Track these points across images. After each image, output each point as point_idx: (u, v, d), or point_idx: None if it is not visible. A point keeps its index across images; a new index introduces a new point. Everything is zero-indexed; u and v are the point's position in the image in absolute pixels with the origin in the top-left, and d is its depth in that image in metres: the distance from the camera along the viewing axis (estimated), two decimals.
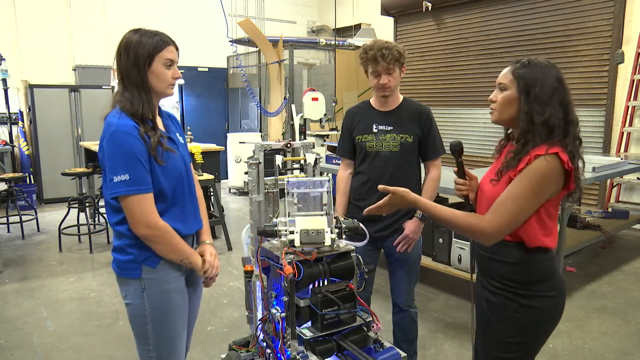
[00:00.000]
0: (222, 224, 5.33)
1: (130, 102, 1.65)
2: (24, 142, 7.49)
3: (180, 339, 1.81)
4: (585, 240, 4.37)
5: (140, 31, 1.69)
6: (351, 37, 8.96)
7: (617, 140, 5.89)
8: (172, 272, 1.75)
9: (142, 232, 1.64)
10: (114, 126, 1.61)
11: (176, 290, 1.77)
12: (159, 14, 8.66)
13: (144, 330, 1.74)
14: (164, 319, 1.74)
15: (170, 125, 1.84)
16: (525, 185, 1.50)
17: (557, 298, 1.64)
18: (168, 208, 1.72)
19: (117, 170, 1.60)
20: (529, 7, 6.49)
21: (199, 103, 9.73)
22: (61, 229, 5.19)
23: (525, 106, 1.55)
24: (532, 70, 1.56)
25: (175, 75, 1.73)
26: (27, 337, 3.29)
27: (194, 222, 1.84)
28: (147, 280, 1.70)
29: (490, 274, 1.68)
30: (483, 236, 1.55)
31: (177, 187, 1.74)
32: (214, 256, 1.86)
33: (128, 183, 1.59)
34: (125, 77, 1.67)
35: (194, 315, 1.98)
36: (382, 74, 2.29)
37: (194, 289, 1.92)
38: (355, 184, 2.50)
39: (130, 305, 1.74)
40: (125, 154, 1.60)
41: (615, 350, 3.07)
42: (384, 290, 3.48)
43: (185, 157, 1.83)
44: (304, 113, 6.46)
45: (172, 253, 1.70)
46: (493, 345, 1.68)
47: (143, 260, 1.69)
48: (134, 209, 1.61)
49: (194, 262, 1.77)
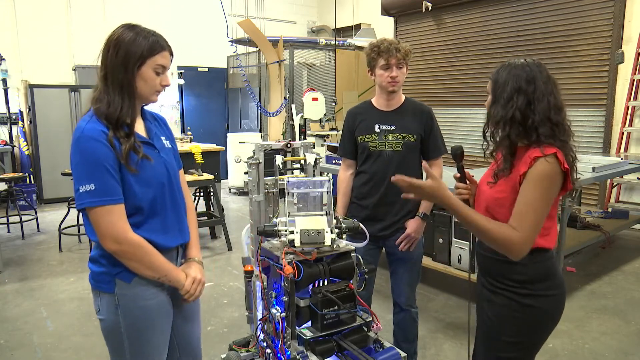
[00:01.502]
0: (222, 224, 5.33)
1: (107, 104, 1.50)
2: (24, 142, 7.49)
3: (159, 356, 1.65)
4: (585, 240, 4.37)
5: (136, 29, 1.54)
6: (351, 37, 8.96)
7: (617, 140, 5.89)
8: (149, 288, 1.58)
9: (110, 248, 1.48)
10: (79, 131, 1.47)
11: (155, 308, 1.60)
12: (159, 14, 8.66)
13: (120, 348, 1.60)
14: (142, 336, 1.59)
15: (153, 129, 1.67)
16: (540, 191, 1.50)
17: (558, 298, 1.64)
18: (146, 220, 1.56)
19: (81, 179, 1.45)
20: (529, 7, 6.49)
21: (199, 103, 9.73)
22: (61, 229, 5.19)
23: (491, 108, 1.61)
24: (502, 72, 1.60)
25: (164, 82, 1.59)
26: (27, 337, 3.29)
27: (177, 235, 1.66)
28: (121, 296, 1.54)
29: (491, 274, 1.68)
30: (513, 247, 1.51)
31: (157, 197, 1.58)
32: (197, 282, 1.66)
33: (93, 194, 1.44)
34: (110, 74, 1.51)
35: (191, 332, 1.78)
36: (393, 66, 2.29)
37: (178, 310, 1.71)
38: (358, 183, 2.50)
39: (104, 321, 1.59)
40: (90, 162, 1.45)
41: (615, 350, 3.07)
42: (385, 290, 3.48)
43: (169, 163, 1.65)
44: (304, 113, 6.45)
45: (147, 270, 1.54)
46: (493, 345, 1.68)
47: (116, 274, 1.54)
48: (100, 221, 1.46)
49: (174, 280, 1.60)
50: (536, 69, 1.56)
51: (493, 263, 1.66)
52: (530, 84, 1.54)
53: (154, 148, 1.62)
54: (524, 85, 1.54)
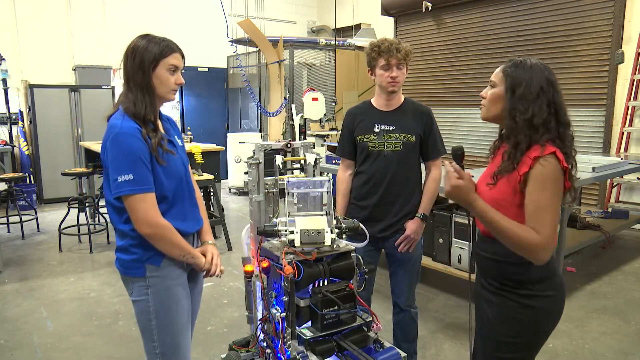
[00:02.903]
0: (222, 224, 5.33)
1: (133, 104, 1.71)
2: (24, 142, 7.49)
3: (185, 334, 1.86)
4: (585, 240, 4.37)
5: (148, 37, 1.76)
6: (351, 37, 8.96)
7: (617, 140, 5.89)
8: (175, 270, 1.80)
9: (145, 231, 1.68)
10: (117, 128, 1.67)
11: (179, 286, 1.83)
12: (159, 14, 8.67)
13: (149, 327, 1.79)
14: (168, 314, 1.79)
15: (169, 129, 1.90)
16: (550, 191, 1.50)
17: (557, 298, 1.64)
18: (169, 209, 1.77)
19: (121, 170, 1.64)
20: (529, 7, 6.49)
21: (199, 103, 9.73)
22: (61, 229, 5.19)
23: (509, 104, 1.58)
24: (521, 70, 1.58)
25: (177, 81, 1.78)
26: (27, 337, 3.29)
27: (194, 222, 1.90)
28: (151, 279, 1.76)
29: (491, 274, 1.68)
30: (538, 250, 1.50)
31: (177, 187, 1.79)
32: (217, 256, 1.92)
33: (131, 183, 1.64)
34: (131, 79, 1.73)
35: (195, 311, 2.02)
36: (393, 67, 2.29)
37: (194, 284, 1.98)
38: (357, 183, 2.50)
39: (137, 302, 1.79)
40: (128, 155, 1.65)
41: (615, 350, 3.07)
42: (385, 290, 3.48)
43: (184, 159, 1.89)
44: (304, 113, 6.45)
45: (175, 249, 1.75)
46: (493, 345, 1.68)
47: (147, 260, 1.75)
48: (137, 207, 1.66)
49: (196, 258, 1.83)
50: (552, 72, 1.59)
51: (493, 263, 1.66)
52: (550, 86, 1.56)
53: (174, 145, 1.85)
54: (545, 87, 1.55)
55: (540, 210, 1.50)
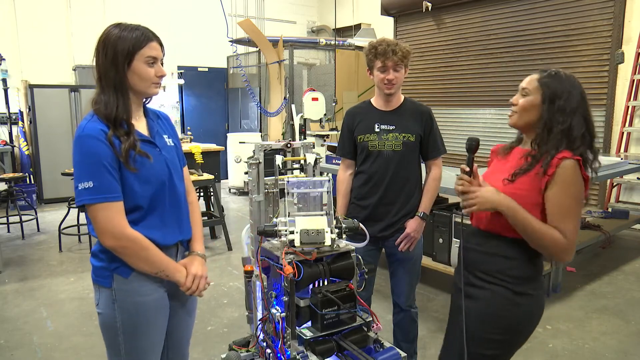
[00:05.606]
0: (222, 224, 5.33)
1: (105, 105, 1.54)
2: (24, 142, 7.49)
3: (154, 353, 1.68)
4: (585, 240, 4.37)
5: (121, 25, 1.56)
6: (351, 37, 8.96)
7: (617, 140, 5.89)
8: (147, 284, 1.60)
9: (108, 244, 1.52)
10: (80, 130, 1.52)
11: (151, 304, 1.62)
12: (159, 14, 8.66)
13: (115, 342, 1.61)
14: (137, 331, 1.61)
15: (155, 127, 1.70)
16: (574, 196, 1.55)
17: (540, 298, 1.69)
18: (145, 216, 1.58)
19: (81, 177, 1.49)
20: (529, 7, 6.49)
21: (199, 103, 9.73)
22: (61, 229, 5.19)
23: (546, 114, 1.59)
24: (560, 81, 1.61)
25: (159, 72, 1.60)
26: (27, 337, 3.29)
27: (176, 232, 1.68)
28: (118, 291, 1.57)
29: (480, 269, 1.68)
30: (564, 252, 1.56)
31: (156, 194, 1.60)
32: (197, 277, 1.67)
33: (92, 191, 1.48)
34: (103, 77, 1.56)
35: (182, 333, 1.82)
36: (390, 69, 2.29)
37: (181, 304, 1.75)
38: (357, 183, 2.50)
39: (101, 315, 1.62)
40: (89, 160, 1.48)
41: (615, 350, 3.07)
42: (385, 290, 3.48)
43: (170, 161, 1.67)
44: (304, 113, 6.46)
45: (144, 265, 1.56)
46: (474, 342, 1.67)
47: (114, 269, 1.57)
48: (99, 218, 1.50)
49: (172, 275, 1.62)
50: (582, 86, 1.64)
51: (484, 258, 1.67)
52: (584, 100, 1.61)
53: (155, 146, 1.64)
54: (581, 100, 1.60)
55: (566, 214, 1.55)
